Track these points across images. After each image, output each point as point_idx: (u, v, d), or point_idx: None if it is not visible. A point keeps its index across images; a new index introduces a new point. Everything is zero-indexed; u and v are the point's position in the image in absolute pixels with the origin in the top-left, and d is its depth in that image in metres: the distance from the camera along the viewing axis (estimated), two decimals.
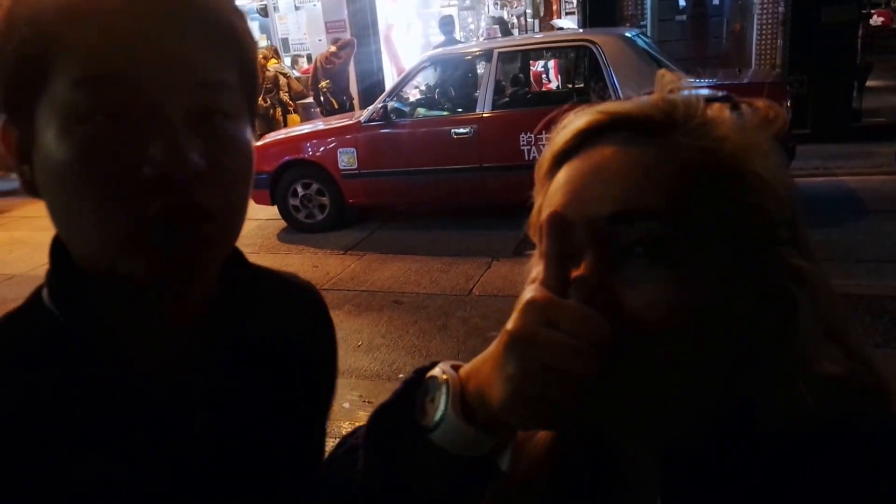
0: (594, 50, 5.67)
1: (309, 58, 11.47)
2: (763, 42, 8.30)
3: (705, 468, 0.51)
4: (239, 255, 0.68)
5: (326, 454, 0.68)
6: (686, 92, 0.53)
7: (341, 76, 9.14)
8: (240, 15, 0.59)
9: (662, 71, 0.56)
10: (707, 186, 0.48)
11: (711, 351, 0.49)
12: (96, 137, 0.51)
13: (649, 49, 5.93)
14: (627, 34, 5.92)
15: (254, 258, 0.72)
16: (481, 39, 9.99)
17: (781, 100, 5.25)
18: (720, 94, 0.56)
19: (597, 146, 0.52)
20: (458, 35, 9.85)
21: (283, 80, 9.53)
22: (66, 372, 0.55)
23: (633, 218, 0.48)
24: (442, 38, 9.05)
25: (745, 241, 0.49)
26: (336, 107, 8.77)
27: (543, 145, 0.57)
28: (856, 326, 0.52)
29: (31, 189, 0.56)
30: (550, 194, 0.53)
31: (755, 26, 8.36)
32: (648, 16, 8.89)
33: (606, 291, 0.47)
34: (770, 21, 8.22)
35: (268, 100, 9.41)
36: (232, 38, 0.57)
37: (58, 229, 0.56)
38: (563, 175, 0.53)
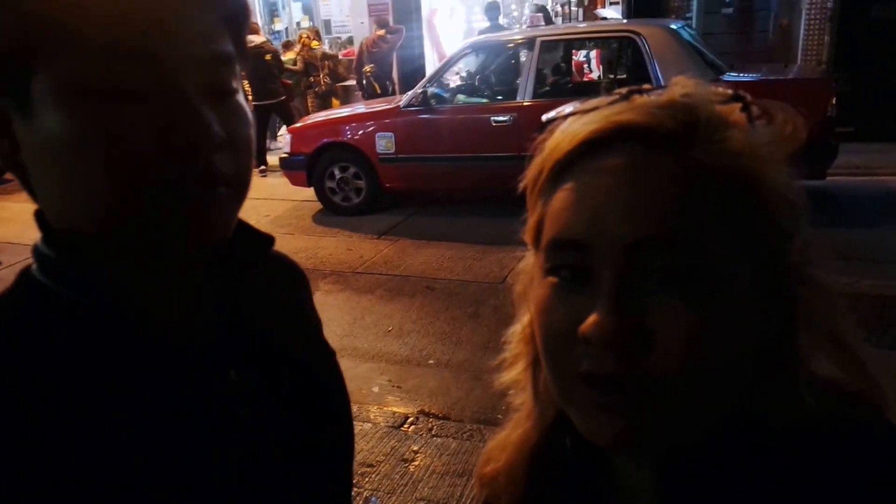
0: (638, 41, 5.59)
1: (350, 40, 11.51)
2: (810, 37, 8.08)
3: (705, 474, 0.50)
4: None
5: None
6: (702, 96, 0.50)
7: (386, 61, 9.15)
8: None
9: (678, 77, 0.52)
10: (725, 206, 0.47)
11: (728, 367, 0.48)
12: (114, 111, 0.51)
13: (694, 42, 5.82)
14: (672, 26, 5.82)
15: (289, 239, 0.74)
16: (524, 27, 9.91)
17: (827, 97, 5.12)
18: (731, 91, 0.52)
19: (604, 158, 0.49)
20: (501, 21, 9.78)
21: (328, 63, 9.60)
22: (78, 348, 0.54)
23: (656, 247, 0.46)
24: (487, 23, 9.02)
25: (761, 255, 0.48)
26: (379, 91, 8.80)
27: None
28: (857, 331, 0.51)
29: (9, 164, 0.56)
30: (558, 210, 0.50)
31: (803, 21, 8.14)
32: (694, 8, 8.72)
33: (631, 325, 0.46)
34: (818, 16, 8.00)
35: (319, 79, 9.50)
36: (231, 9, 0.59)
37: (45, 202, 0.57)
38: (570, 190, 0.50)
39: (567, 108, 0.54)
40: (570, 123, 0.52)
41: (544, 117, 0.56)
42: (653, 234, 0.46)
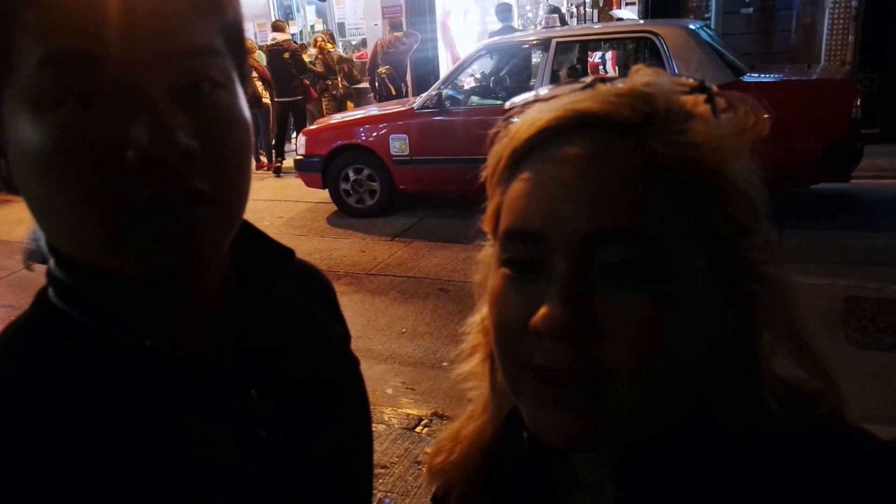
0: (656, 42, 5.52)
1: (364, 42, 11.52)
2: (834, 37, 7.96)
3: (665, 472, 0.49)
4: (253, 232, 0.63)
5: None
6: (663, 86, 0.49)
7: (401, 63, 9.16)
8: None
9: (638, 66, 0.52)
10: (683, 198, 0.46)
11: (683, 364, 0.47)
12: (69, 123, 0.46)
13: (713, 42, 5.74)
14: (691, 26, 5.75)
15: (303, 241, 0.71)
16: (539, 28, 9.86)
17: (851, 98, 5.03)
18: (694, 81, 0.51)
19: (562, 146, 0.48)
20: (515, 23, 9.74)
21: (343, 67, 9.64)
22: (96, 374, 0.52)
23: (611, 239, 0.45)
24: (499, 25, 8.98)
25: (718, 249, 0.47)
26: (394, 93, 8.79)
27: None
28: (817, 332, 0.50)
29: (7, 185, 0.52)
30: (514, 199, 0.49)
31: (826, 21, 8.02)
32: (713, 7, 8.62)
33: (581, 316, 0.45)
34: (842, 16, 7.88)
35: (336, 81, 9.54)
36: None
37: (39, 226, 0.52)
38: (527, 180, 0.49)
39: (529, 96, 0.53)
40: (530, 111, 0.51)
41: (507, 104, 0.55)
42: (608, 226, 0.45)
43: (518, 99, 0.54)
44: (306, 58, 9.64)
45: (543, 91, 0.53)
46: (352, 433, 0.69)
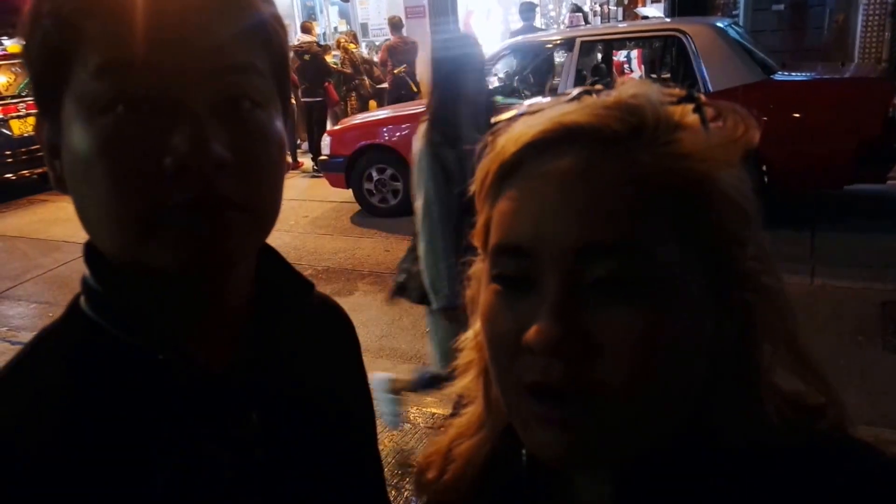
0: (684, 40, 5.44)
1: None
2: (868, 34, 7.81)
3: (665, 489, 0.48)
4: (277, 259, 0.67)
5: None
6: (651, 97, 0.48)
7: (411, 63, 9.22)
8: None
9: (624, 78, 0.51)
10: (674, 209, 0.45)
11: (680, 378, 0.46)
12: (117, 127, 0.49)
13: (742, 40, 5.65)
14: (719, 24, 5.66)
15: (328, 240, 0.69)
16: (563, 27, 9.80)
17: (887, 97, 4.92)
18: (682, 91, 0.50)
19: (549, 160, 0.47)
20: (538, 22, 9.69)
21: (365, 67, 9.69)
22: (119, 387, 0.54)
23: (603, 253, 0.44)
24: (521, 24, 8.94)
25: (712, 261, 0.46)
26: (416, 90, 8.79)
27: None
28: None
29: (60, 184, 0.56)
30: (503, 214, 0.49)
31: (860, 17, 7.88)
32: (742, 4, 8.50)
33: (575, 332, 0.44)
34: (877, 11, 7.72)
35: (364, 81, 9.60)
36: (260, 21, 0.55)
37: (84, 225, 0.55)
38: (515, 195, 0.48)
39: (516, 111, 0.53)
40: (517, 125, 0.51)
41: (494, 119, 0.52)
42: (599, 239, 0.44)
43: (505, 115, 0.54)
44: (330, 59, 9.67)
45: (529, 105, 0.52)
46: (356, 461, 0.70)
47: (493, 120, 0.48)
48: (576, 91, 0.51)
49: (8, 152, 8.28)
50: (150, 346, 0.54)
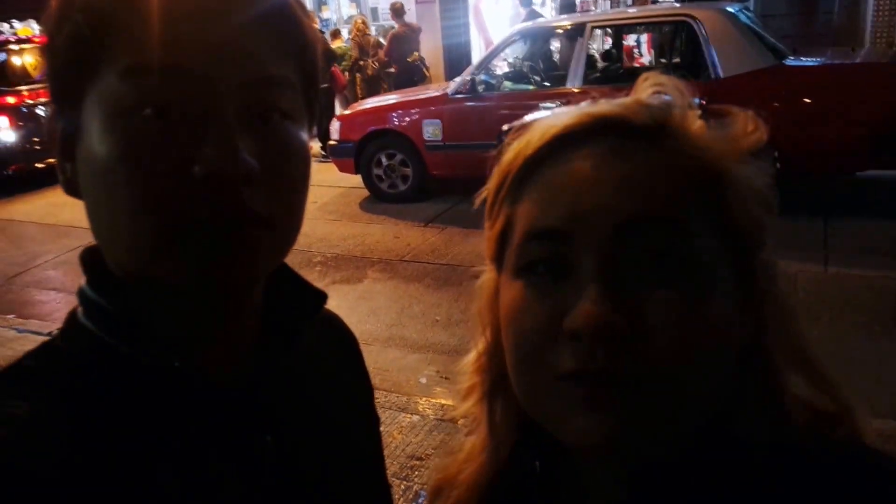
0: (693, 25, 5.40)
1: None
2: (880, 18, 7.71)
3: (680, 492, 0.48)
4: (288, 272, 0.64)
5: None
6: (670, 96, 0.50)
7: (418, 49, 9.22)
8: (304, 9, 0.56)
9: (647, 73, 0.53)
10: (700, 194, 0.46)
11: (716, 365, 0.46)
12: (142, 132, 0.47)
13: (753, 25, 5.60)
14: (729, 9, 5.61)
15: (337, 226, 0.69)
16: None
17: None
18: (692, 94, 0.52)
19: (580, 152, 0.47)
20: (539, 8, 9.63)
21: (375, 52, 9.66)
22: (115, 398, 0.51)
23: (644, 226, 0.44)
24: (524, 12, 8.89)
25: (734, 246, 0.47)
26: (427, 75, 8.78)
27: None
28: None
29: (71, 188, 0.53)
30: (531, 203, 0.49)
31: (871, 1, 7.76)
32: None
33: (624, 313, 0.43)
34: None
35: (368, 62, 9.58)
36: (295, 33, 0.54)
37: (95, 233, 0.53)
38: (545, 183, 0.48)
39: (526, 118, 0.53)
40: (538, 125, 0.51)
41: (504, 128, 0.55)
42: (641, 209, 0.44)
43: (515, 122, 0.54)
44: (339, 43, 9.63)
45: (539, 113, 0.53)
46: (364, 485, 0.69)
47: (504, 128, 0.49)
48: (588, 101, 0.52)
49: (36, 139, 7.90)
50: (159, 362, 0.52)
